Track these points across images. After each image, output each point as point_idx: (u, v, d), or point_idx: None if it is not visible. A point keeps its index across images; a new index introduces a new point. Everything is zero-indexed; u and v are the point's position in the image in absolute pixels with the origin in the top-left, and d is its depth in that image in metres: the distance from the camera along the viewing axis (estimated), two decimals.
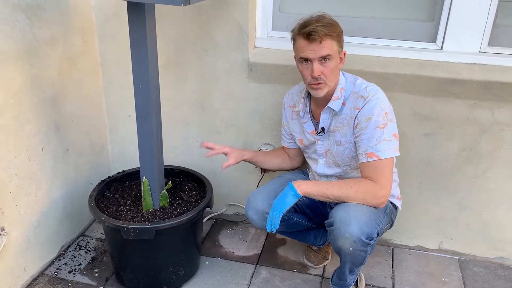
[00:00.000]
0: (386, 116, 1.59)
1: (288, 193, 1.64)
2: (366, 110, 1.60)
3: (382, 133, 1.58)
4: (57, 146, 2.01)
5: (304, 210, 1.95)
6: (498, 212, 2.06)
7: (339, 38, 1.60)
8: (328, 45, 1.57)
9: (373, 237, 1.60)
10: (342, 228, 1.58)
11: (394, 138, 1.61)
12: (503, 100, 1.87)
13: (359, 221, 1.57)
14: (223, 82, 2.14)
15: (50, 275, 2.01)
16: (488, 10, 1.89)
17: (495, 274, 2.09)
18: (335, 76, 1.64)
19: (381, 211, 1.69)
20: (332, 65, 1.60)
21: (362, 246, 1.59)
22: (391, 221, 1.82)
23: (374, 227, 1.61)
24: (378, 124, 1.58)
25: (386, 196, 1.61)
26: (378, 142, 1.58)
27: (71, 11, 1.98)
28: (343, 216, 1.59)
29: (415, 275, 2.07)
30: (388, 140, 1.59)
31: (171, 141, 2.31)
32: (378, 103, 1.59)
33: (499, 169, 1.99)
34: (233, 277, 2.03)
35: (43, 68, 1.86)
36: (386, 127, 1.58)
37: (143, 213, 1.87)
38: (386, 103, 1.62)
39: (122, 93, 2.27)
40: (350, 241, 1.57)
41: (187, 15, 2.05)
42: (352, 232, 1.56)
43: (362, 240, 1.57)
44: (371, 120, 1.58)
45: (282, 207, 1.63)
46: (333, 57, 1.59)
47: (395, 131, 1.62)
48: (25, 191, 1.85)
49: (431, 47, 2.03)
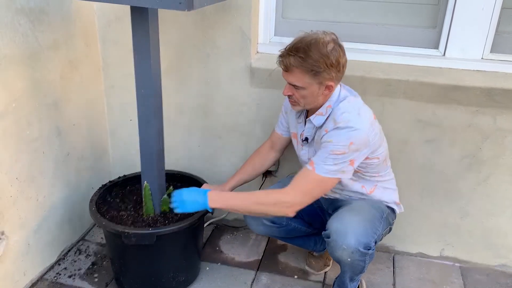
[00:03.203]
0: (349, 146, 1.53)
1: (199, 201, 1.67)
2: (331, 134, 1.57)
3: (335, 157, 1.55)
4: (58, 150, 2.00)
5: (303, 216, 1.94)
6: (500, 219, 2.06)
7: (317, 73, 1.52)
8: (297, 76, 1.55)
9: (370, 246, 1.60)
10: (339, 239, 1.58)
11: (345, 166, 1.56)
12: (505, 107, 1.87)
13: (355, 232, 1.57)
14: (225, 87, 2.14)
15: (49, 280, 1.99)
16: (491, 17, 1.89)
17: (496, 282, 2.08)
18: (311, 101, 1.61)
19: (377, 218, 1.68)
20: (304, 93, 1.58)
21: (360, 256, 1.59)
22: (390, 225, 1.81)
23: (371, 236, 1.61)
24: (335, 150, 1.54)
25: (289, 204, 1.59)
26: (325, 159, 1.56)
27: (73, 15, 1.98)
28: (339, 227, 1.60)
29: (416, 282, 2.06)
30: (335, 164, 1.55)
31: (173, 145, 2.31)
32: (345, 133, 1.54)
33: (501, 176, 1.98)
34: (233, 283, 2.02)
35: (45, 72, 1.85)
36: (342, 155, 1.54)
37: (144, 218, 1.86)
38: (358, 133, 1.54)
39: (123, 97, 2.27)
40: (348, 252, 1.58)
41: (190, 20, 2.05)
42: (349, 244, 1.56)
43: (360, 251, 1.57)
44: (330, 143, 1.55)
45: (189, 209, 1.69)
46: (305, 88, 1.56)
47: (354, 158, 1.56)
48: (26, 195, 1.84)
49: (433, 54, 2.03)
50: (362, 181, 1.74)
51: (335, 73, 1.54)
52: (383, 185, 1.78)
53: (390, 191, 1.81)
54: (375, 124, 1.64)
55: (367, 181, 1.74)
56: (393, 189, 1.83)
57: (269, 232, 1.93)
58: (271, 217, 1.86)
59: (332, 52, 1.52)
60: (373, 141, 1.59)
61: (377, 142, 1.62)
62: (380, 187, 1.77)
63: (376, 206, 1.74)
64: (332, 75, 1.54)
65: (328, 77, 1.54)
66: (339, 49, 1.54)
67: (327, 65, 1.51)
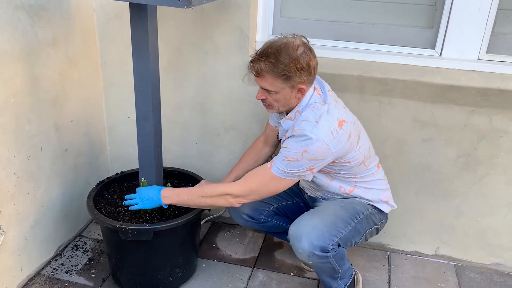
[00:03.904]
0: (302, 154, 1.53)
1: (154, 198, 1.72)
2: (288, 140, 1.59)
3: (287, 163, 1.56)
4: (56, 146, 2.01)
5: (287, 213, 1.96)
6: (495, 218, 2.07)
7: (288, 77, 1.52)
8: (268, 81, 1.55)
9: (327, 249, 1.61)
10: (295, 244, 1.63)
11: (302, 171, 1.57)
12: (500, 107, 1.88)
13: (310, 236, 1.60)
14: (223, 84, 2.15)
15: (46, 275, 2.00)
16: (487, 18, 1.91)
17: (491, 280, 2.10)
18: (284, 104, 1.61)
19: (344, 219, 1.68)
20: (277, 97, 1.59)
21: (320, 259, 1.62)
22: (375, 225, 1.79)
23: (329, 238, 1.61)
24: (288, 156, 1.55)
25: (233, 195, 1.62)
26: (281, 161, 1.57)
27: (73, 12, 1.99)
28: (294, 232, 1.64)
29: (411, 280, 2.08)
30: (288, 169, 1.56)
31: (171, 142, 2.32)
32: (300, 141, 1.53)
33: (496, 175, 2.00)
34: (230, 279, 2.03)
35: (44, 68, 1.86)
36: (294, 162, 1.55)
37: (141, 214, 1.87)
38: (312, 143, 1.52)
39: (122, 94, 2.28)
40: (305, 256, 1.62)
41: (188, 18, 2.06)
42: (303, 248, 1.60)
43: (316, 254, 1.60)
44: (286, 149, 1.57)
45: (146, 206, 1.75)
46: (277, 92, 1.57)
47: (312, 166, 1.56)
48: (24, 191, 1.85)
49: (430, 54, 2.04)
50: (339, 181, 1.73)
51: (306, 77, 1.54)
52: (364, 186, 1.76)
53: (375, 191, 1.78)
54: (341, 132, 1.57)
55: (343, 182, 1.74)
56: (379, 189, 1.79)
57: (250, 225, 1.97)
58: (249, 212, 1.89)
59: (302, 55, 1.52)
60: (336, 149, 1.55)
61: (344, 148, 1.58)
62: (360, 187, 1.75)
63: (349, 206, 1.72)
64: (303, 79, 1.54)
65: (299, 80, 1.54)
66: (309, 52, 1.54)
67: (298, 68, 1.51)
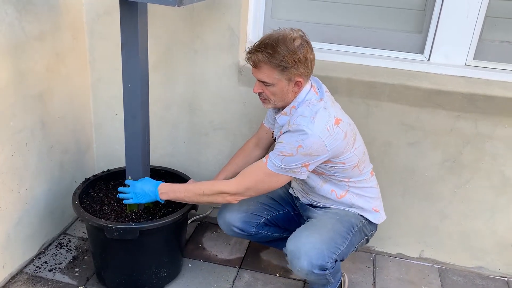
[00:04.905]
0: (297, 149, 1.53)
1: (150, 193, 1.73)
2: (283, 136, 1.59)
3: (282, 158, 1.56)
4: (42, 143, 1.98)
5: (278, 223, 1.95)
6: (478, 222, 2.10)
7: (285, 68, 1.53)
8: (265, 72, 1.56)
9: (326, 267, 1.61)
10: (293, 261, 1.62)
11: (297, 167, 1.57)
12: (486, 112, 1.91)
13: (309, 254, 1.59)
14: (212, 84, 2.14)
15: (29, 273, 1.97)
16: (475, 25, 1.94)
17: (473, 283, 2.13)
18: (281, 97, 1.62)
19: (341, 234, 1.67)
20: (273, 90, 1.59)
21: (318, 276, 1.62)
22: (366, 237, 1.80)
23: (328, 257, 1.61)
24: (283, 151, 1.56)
25: (231, 193, 1.64)
26: (276, 156, 1.57)
27: (61, 7, 1.96)
28: (293, 249, 1.63)
29: (395, 282, 2.10)
30: (283, 164, 1.56)
31: (158, 141, 2.30)
32: (295, 136, 1.54)
33: (480, 180, 2.03)
34: (215, 280, 2.03)
35: (31, 63, 1.83)
36: (289, 157, 1.55)
37: (127, 213, 1.86)
38: (307, 138, 1.52)
39: (109, 91, 2.26)
40: (303, 274, 1.62)
41: (179, 16, 2.05)
42: (302, 266, 1.59)
43: (315, 273, 1.60)
44: (281, 144, 1.57)
45: (141, 200, 1.75)
46: (274, 84, 1.57)
47: (307, 162, 1.56)
48: (8, 187, 1.82)
49: (418, 58, 2.07)
50: (331, 184, 1.73)
51: (304, 69, 1.55)
52: (356, 192, 1.74)
53: (366, 198, 1.77)
54: (337, 129, 1.57)
55: (336, 185, 1.73)
56: (371, 197, 1.78)
57: (240, 237, 1.94)
58: (239, 225, 1.86)
59: (300, 48, 1.53)
60: (332, 147, 1.55)
61: (340, 147, 1.58)
62: (352, 193, 1.74)
63: (345, 219, 1.72)
64: (300, 71, 1.55)
65: (296, 73, 1.55)
66: (306, 45, 1.56)
67: (295, 60, 1.52)
